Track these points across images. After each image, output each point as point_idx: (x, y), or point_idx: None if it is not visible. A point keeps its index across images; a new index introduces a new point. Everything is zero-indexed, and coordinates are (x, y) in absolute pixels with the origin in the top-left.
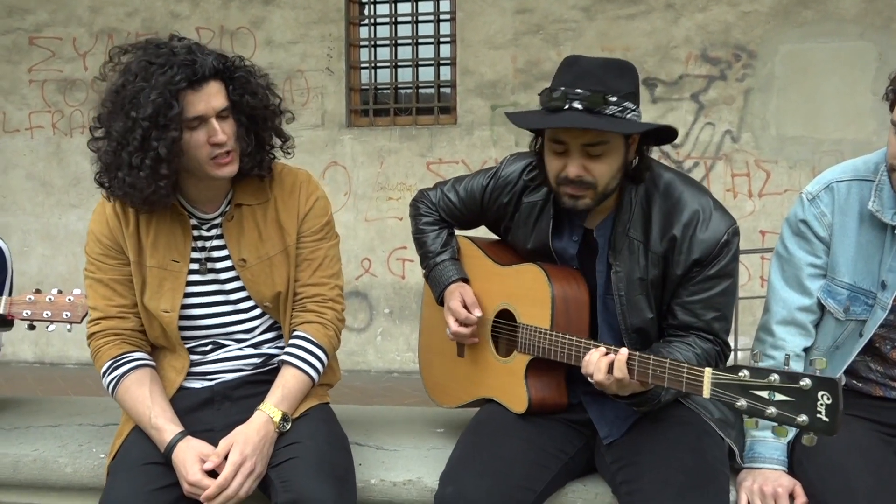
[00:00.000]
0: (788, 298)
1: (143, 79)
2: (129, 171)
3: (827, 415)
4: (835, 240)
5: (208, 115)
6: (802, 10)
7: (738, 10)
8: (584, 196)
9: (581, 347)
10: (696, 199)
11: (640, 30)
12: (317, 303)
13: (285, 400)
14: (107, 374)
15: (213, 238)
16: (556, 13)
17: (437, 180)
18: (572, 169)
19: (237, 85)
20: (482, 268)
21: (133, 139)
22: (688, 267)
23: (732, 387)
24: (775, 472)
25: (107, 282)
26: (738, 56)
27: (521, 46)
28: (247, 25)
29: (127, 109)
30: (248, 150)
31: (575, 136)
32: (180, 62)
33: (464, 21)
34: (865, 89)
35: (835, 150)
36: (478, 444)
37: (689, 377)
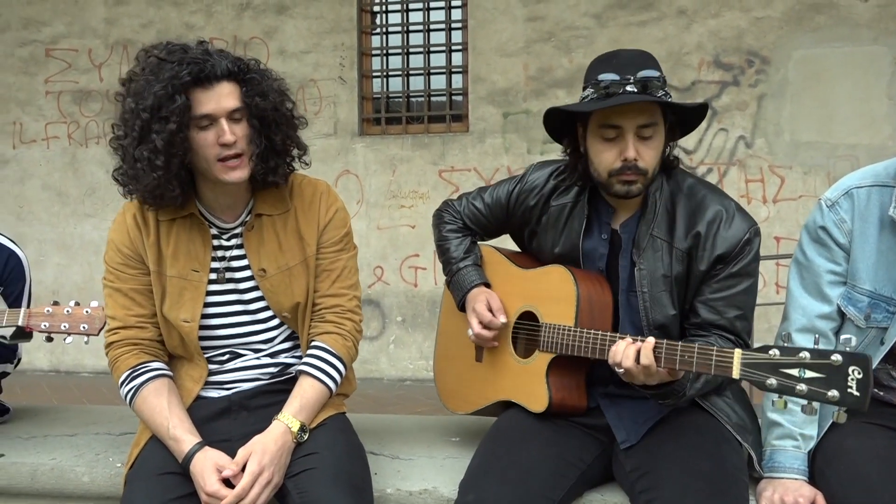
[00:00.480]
0: (808, 306)
1: (151, 73)
2: (133, 163)
3: (858, 389)
4: (855, 246)
5: (218, 114)
6: (815, 15)
7: (751, 15)
8: (636, 182)
9: (607, 340)
10: (719, 201)
11: (651, 36)
12: (336, 314)
13: (303, 410)
14: (125, 383)
15: (232, 248)
16: (567, 20)
17: (449, 188)
18: (631, 151)
19: (250, 88)
20: (505, 273)
21: (134, 130)
22: (711, 263)
23: (762, 366)
24: (796, 482)
25: (126, 291)
26: (751, 62)
27: (533, 54)
28: (260, 35)
29: (131, 103)
30: (260, 153)
31: (632, 117)
32: (191, 59)
33: (475, 29)
34: (880, 94)
35: (850, 156)
36: (497, 453)
37: (718, 359)
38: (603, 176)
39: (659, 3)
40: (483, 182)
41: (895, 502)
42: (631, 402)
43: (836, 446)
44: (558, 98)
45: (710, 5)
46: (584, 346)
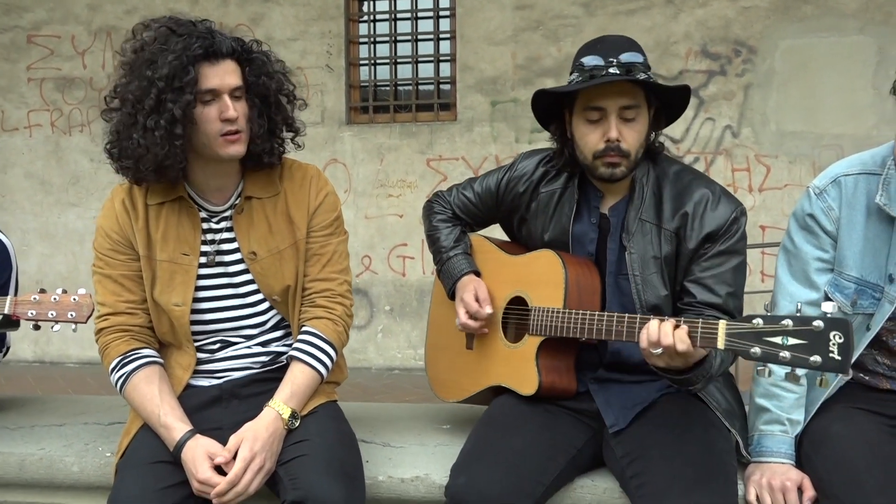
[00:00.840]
0: (796, 293)
1: (161, 43)
2: (144, 133)
3: (839, 353)
4: (842, 233)
5: (222, 90)
6: (802, 5)
7: (738, 5)
8: (620, 164)
9: (595, 319)
10: (706, 184)
11: (639, 25)
12: (326, 298)
13: (294, 397)
14: (115, 370)
15: (222, 231)
16: (555, 9)
17: (437, 177)
18: (613, 131)
19: (253, 67)
20: (495, 260)
21: (149, 100)
22: (699, 241)
23: (746, 335)
24: (783, 466)
25: (116, 277)
26: (737, 51)
27: (521, 42)
28: (246, 22)
29: (143, 71)
30: (260, 132)
31: (614, 99)
32: (199, 34)
33: (463, 17)
34: (866, 84)
35: (835, 145)
36: (490, 437)
37: (704, 331)
38: (588, 158)
39: None
40: (471, 171)
41: (881, 486)
42: (620, 386)
43: (823, 431)
44: (546, 87)
45: None
46: (573, 326)
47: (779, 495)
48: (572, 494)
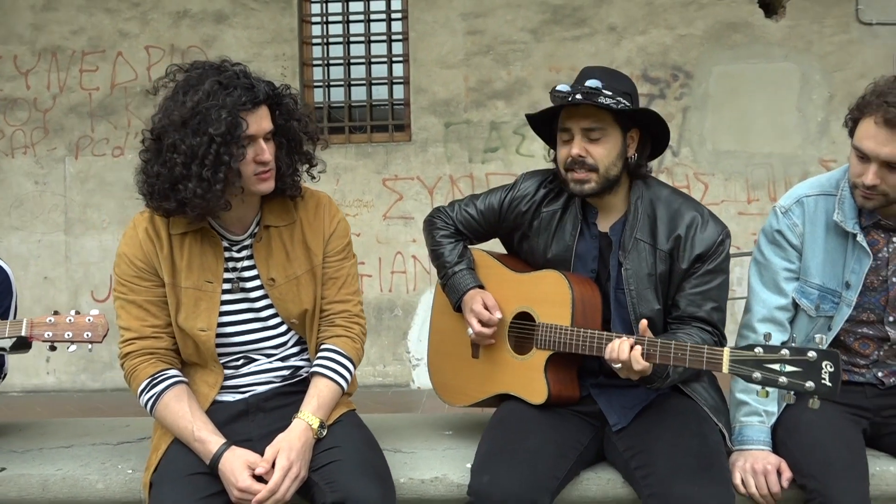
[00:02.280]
0: (768, 299)
1: (213, 98)
2: (199, 183)
3: (830, 381)
4: (806, 247)
5: (258, 135)
6: (733, 33)
7: (675, 33)
8: (588, 180)
9: (603, 339)
10: (694, 207)
11: (584, 51)
12: (344, 318)
13: (321, 408)
14: (145, 391)
15: (243, 259)
16: (505, 35)
17: (393, 196)
18: (574, 148)
19: (283, 110)
20: (498, 276)
21: (207, 154)
22: (691, 262)
23: (748, 362)
24: (763, 452)
25: (140, 303)
26: (675, 76)
27: (473, 66)
28: (198, 44)
29: (198, 126)
30: (288, 171)
31: (577, 121)
32: (242, 85)
33: (416, 41)
34: (791, 107)
35: (765, 164)
36: (505, 439)
37: (709, 356)
38: (562, 172)
39: (591, 20)
40: (426, 190)
41: (847, 465)
42: (618, 390)
43: (794, 420)
44: (497, 109)
45: (638, 23)
46: (580, 343)
47: (761, 478)
48: (580, 486)
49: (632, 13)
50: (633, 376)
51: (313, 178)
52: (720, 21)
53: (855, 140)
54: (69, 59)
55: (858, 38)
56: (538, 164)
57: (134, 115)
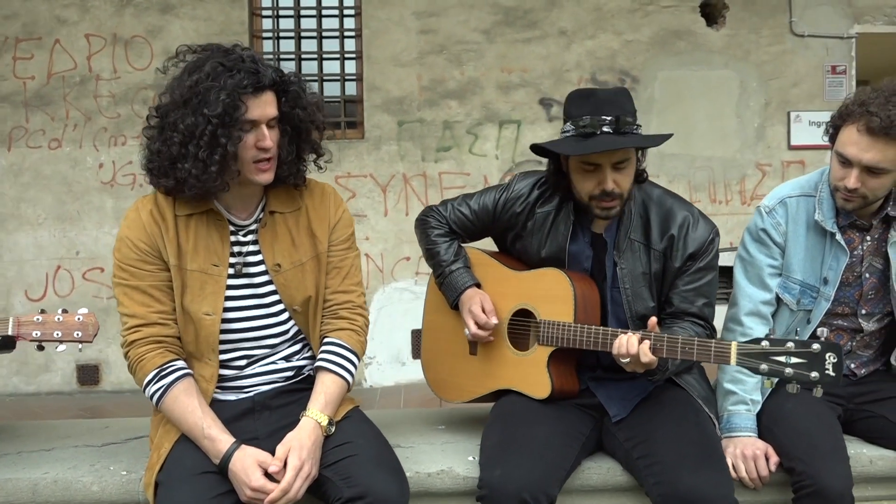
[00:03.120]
0: (753, 294)
1: (213, 79)
2: (195, 163)
3: (834, 371)
4: (789, 245)
5: (261, 121)
6: (677, 40)
7: (622, 38)
8: (615, 206)
9: (609, 335)
10: (685, 207)
11: (536, 53)
12: (348, 310)
13: (329, 405)
14: (152, 382)
15: (248, 244)
16: (458, 35)
17: (346, 194)
18: (609, 184)
19: (289, 98)
20: (495, 273)
21: (203, 135)
22: (684, 260)
23: (756, 354)
24: (750, 438)
25: (145, 288)
26: (623, 80)
27: (426, 65)
28: (142, 34)
29: (196, 106)
30: (289, 159)
31: (608, 156)
32: (247, 69)
33: (370, 38)
34: (730, 113)
35: (706, 166)
36: (513, 432)
37: (717, 350)
38: (584, 199)
39: (542, 23)
40: (379, 188)
41: (832, 448)
42: (615, 383)
43: (779, 408)
44: (451, 108)
45: (587, 27)
46: (585, 339)
47: (751, 462)
48: (581, 476)
49: (581, 18)
50: (640, 369)
51: (320, 169)
52: (665, 28)
53: (838, 146)
54: (1, 46)
55: (791, 49)
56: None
57: (73, 105)
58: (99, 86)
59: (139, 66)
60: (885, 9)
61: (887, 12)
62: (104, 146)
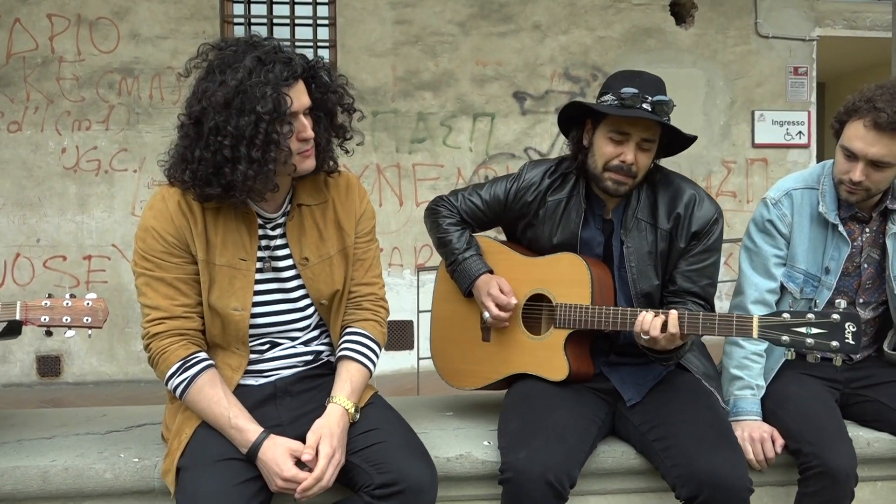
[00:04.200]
0: (759, 283)
1: (256, 75)
2: (249, 165)
3: (853, 339)
4: (794, 235)
5: (299, 111)
6: (647, 38)
7: (595, 34)
8: (626, 183)
9: (628, 314)
10: (690, 187)
11: (510, 47)
12: (371, 301)
13: (354, 393)
14: (176, 374)
15: (276, 237)
16: (433, 26)
17: None
18: (629, 156)
19: (319, 84)
20: (507, 260)
21: (257, 133)
22: (688, 239)
23: (777, 326)
24: (756, 422)
25: (170, 281)
26: (595, 76)
27: (401, 56)
28: (108, 16)
29: (241, 106)
30: (327, 146)
31: (640, 130)
32: (282, 59)
33: (344, 27)
34: (697, 110)
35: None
36: (533, 415)
37: (739, 324)
38: (598, 168)
39: (517, 17)
40: None
41: (836, 430)
42: (628, 367)
43: (783, 392)
44: (425, 100)
45: (561, 22)
46: (604, 320)
47: (758, 445)
48: (597, 459)
49: (555, 13)
50: (667, 345)
51: (347, 153)
52: (636, 25)
53: (843, 140)
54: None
55: (756, 50)
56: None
57: (34, 87)
58: (62, 68)
59: (105, 48)
60: (846, 13)
61: (847, 17)
62: (67, 130)
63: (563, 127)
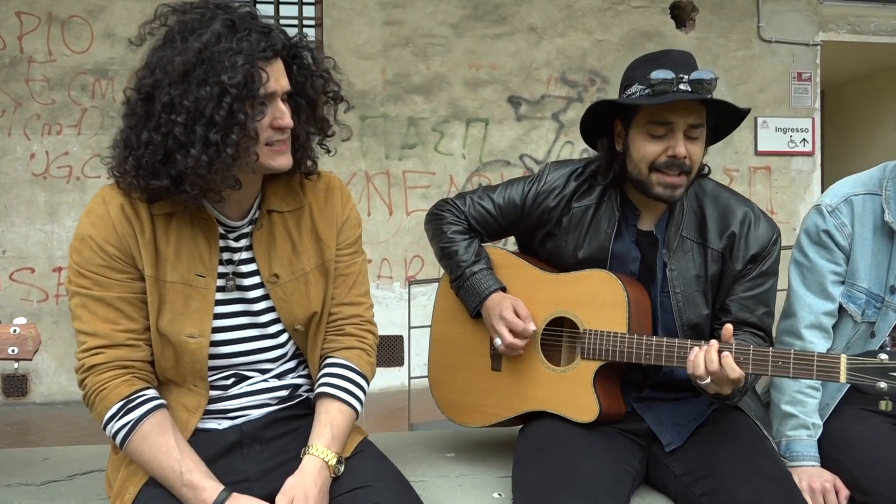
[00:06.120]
0: (814, 304)
1: (227, 41)
2: (205, 149)
3: None
4: (855, 248)
5: (277, 94)
6: (647, 42)
7: (593, 37)
8: (680, 185)
9: (675, 346)
10: (743, 203)
11: (505, 50)
12: (356, 325)
13: (336, 439)
14: (117, 418)
15: (241, 250)
16: (424, 27)
17: None
18: (681, 148)
19: (302, 66)
20: (523, 276)
21: (219, 109)
22: (745, 262)
23: (871, 370)
24: (816, 469)
25: (111, 301)
26: (592, 80)
27: (391, 58)
28: (81, 14)
29: (206, 75)
30: (307, 140)
31: (683, 115)
32: (259, 29)
33: (331, 28)
34: None
35: None
36: (558, 464)
37: (821, 364)
38: (644, 172)
39: (511, 19)
40: None
41: None
42: (665, 404)
43: (844, 433)
44: (416, 104)
45: (557, 25)
46: (642, 352)
47: (820, 497)
48: None
49: (552, 15)
50: (725, 389)
51: (329, 153)
52: (635, 29)
53: None
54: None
55: (759, 54)
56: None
57: (1, 89)
58: (31, 69)
59: (77, 48)
60: (850, 17)
61: (851, 21)
62: (36, 135)
63: (588, 137)
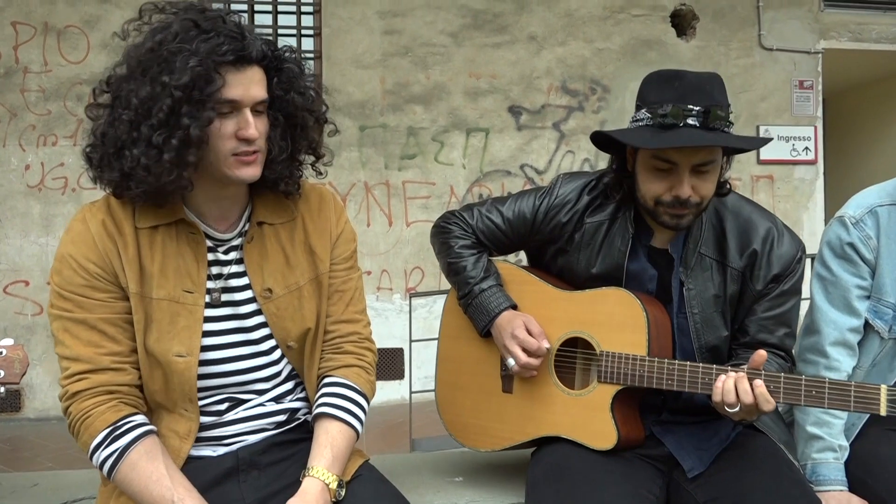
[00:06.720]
0: (838, 320)
1: (182, 40)
2: (147, 149)
3: None
4: (881, 262)
5: (244, 103)
6: (647, 51)
7: (594, 46)
8: (686, 214)
9: (700, 371)
10: (766, 218)
11: (505, 59)
12: (354, 343)
13: (337, 461)
14: (103, 446)
15: (231, 263)
16: (424, 37)
17: None
18: (685, 189)
19: (284, 79)
20: (536, 293)
21: (160, 111)
22: (767, 282)
23: None
24: (845, 494)
25: (94, 323)
26: (593, 89)
27: (390, 67)
28: (78, 24)
29: (156, 73)
30: (281, 156)
31: (688, 155)
32: (229, 32)
33: (330, 38)
34: None
35: None
36: (573, 494)
37: (859, 395)
38: (649, 204)
39: (511, 28)
40: (338, 197)
41: None
42: (686, 428)
43: (871, 455)
44: (416, 114)
45: (558, 33)
46: (665, 377)
47: None
48: None
49: (552, 23)
50: (752, 417)
51: (320, 175)
52: (635, 37)
53: None
54: None
55: (760, 62)
56: (457, 172)
57: None
58: (27, 79)
59: (73, 59)
60: (851, 25)
61: (852, 29)
62: (31, 146)
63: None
